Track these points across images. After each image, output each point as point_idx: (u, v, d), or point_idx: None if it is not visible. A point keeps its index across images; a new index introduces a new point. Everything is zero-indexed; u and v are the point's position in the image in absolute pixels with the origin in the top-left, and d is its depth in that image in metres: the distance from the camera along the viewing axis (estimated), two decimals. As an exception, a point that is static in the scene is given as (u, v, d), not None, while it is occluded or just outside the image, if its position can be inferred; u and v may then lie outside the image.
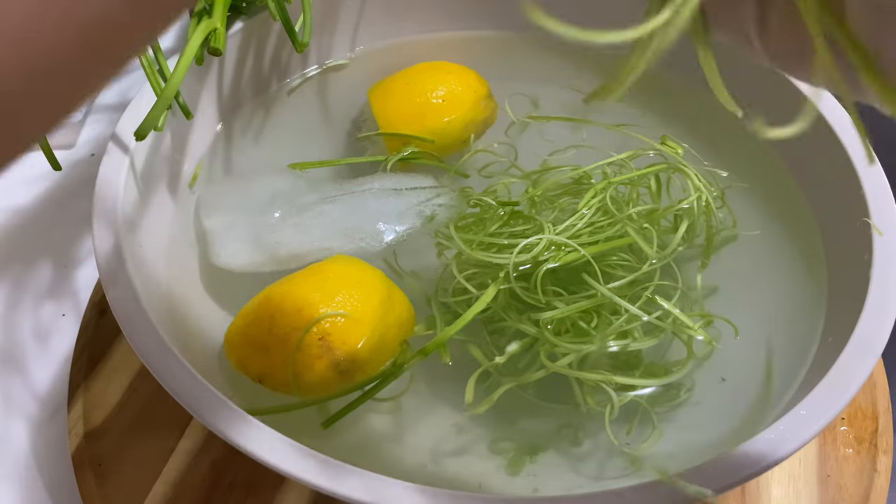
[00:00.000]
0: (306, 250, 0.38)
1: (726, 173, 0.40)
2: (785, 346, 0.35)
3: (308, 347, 0.32)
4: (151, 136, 0.38)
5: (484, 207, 0.38)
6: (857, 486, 0.36)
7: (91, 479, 0.37)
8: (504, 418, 0.34)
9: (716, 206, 0.38)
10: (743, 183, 0.41)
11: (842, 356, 0.30)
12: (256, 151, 0.45)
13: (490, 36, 0.49)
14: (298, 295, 0.34)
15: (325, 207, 0.39)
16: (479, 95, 0.43)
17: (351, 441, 0.34)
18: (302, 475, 0.26)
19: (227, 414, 0.28)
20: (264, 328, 0.33)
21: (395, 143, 0.42)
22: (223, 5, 0.38)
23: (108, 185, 0.35)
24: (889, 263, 0.32)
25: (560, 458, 0.33)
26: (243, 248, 0.38)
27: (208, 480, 0.37)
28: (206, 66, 0.42)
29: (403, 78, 0.44)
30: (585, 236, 0.35)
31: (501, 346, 0.34)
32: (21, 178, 0.54)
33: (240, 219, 0.39)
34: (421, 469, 0.33)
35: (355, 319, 0.33)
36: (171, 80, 0.34)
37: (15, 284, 0.48)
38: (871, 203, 0.34)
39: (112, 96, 0.60)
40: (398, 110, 0.43)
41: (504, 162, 0.42)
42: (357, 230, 0.38)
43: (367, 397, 0.32)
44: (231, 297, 0.38)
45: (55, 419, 0.42)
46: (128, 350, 0.41)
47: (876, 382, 0.40)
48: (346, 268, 0.35)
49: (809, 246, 0.38)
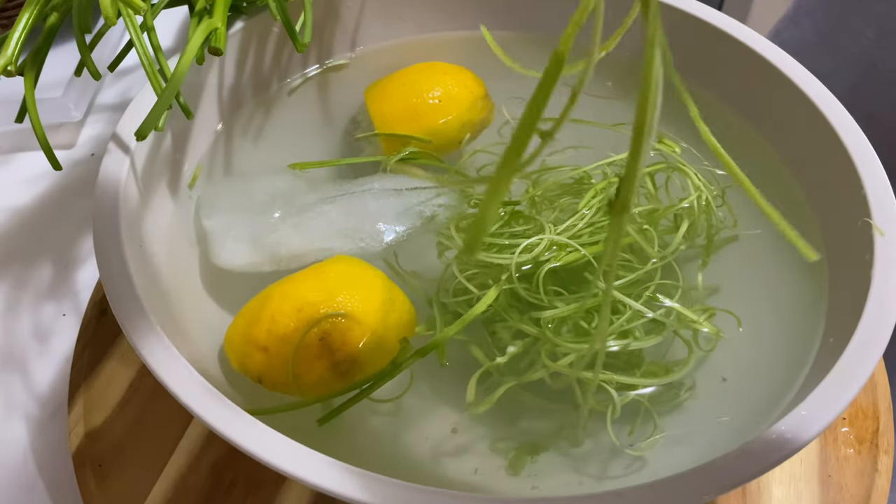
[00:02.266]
0: (306, 250, 0.38)
1: (724, 173, 0.40)
2: (786, 346, 0.35)
3: (308, 348, 0.32)
4: (152, 136, 0.38)
5: (484, 207, 0.38)
6: (858, 486, 0.36)
7: (91, 479, 0.37)
8: (504, 418, 0.34)
9: (716, 205, 0.38)
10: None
11: (843, 357, 0.30)
12: (257, 151, 0.45)
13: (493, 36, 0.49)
14: (299, 295, 0.34)
15: (325, 207, 0.39)
16: (476, 96, 0.43)
17: (351, 441, 0.34)
18: (302, 475, 0.26)
19: (227, 414, 0.28)
20: (264, 328, 0.33)
21: (393, 144, 0.42)
22: (224, 5, 0.38)
23: (109, 185, 0.35)
24: (890, 264, 0.32)
25: (560, 457, 0.33)
26: (243, 248, 0.38)
27: (208, 480, 0.37)
28: (207, 65, 0.42)
29: (399, 78, 0.44)
30: (586, 236, 0.35)
31: (502, 346, 0.34)
32: (21, 178, 0.54)
33: (239, 219, 0.39)
34: (421, 469, 0.33)
35: (356, 320, 0.33)
36: (171, 80, 0.34)
37: (15, 284, 0.48)
38: (871, 203, 0.34)
39: (112, 96, 0.60)
40: (394, 111, 0.43)
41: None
42: (357, 230, 0.38)
43: (365, 395, 0.32)
44: (231, 297, 0.38)
45: (55, 419, 0.42)
46: (128, 350, 0.41)
47: (877, 383, 0.40)
48: (347, 268, 0.35)
49: (809, 245, 0.38)
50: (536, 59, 0.48)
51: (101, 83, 0.61)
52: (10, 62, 0.33)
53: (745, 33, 0.42)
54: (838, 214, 0.37)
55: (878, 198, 0.34)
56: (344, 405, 0.32)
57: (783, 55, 0.40)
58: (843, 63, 0.68)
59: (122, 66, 0.40)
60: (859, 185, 0.35)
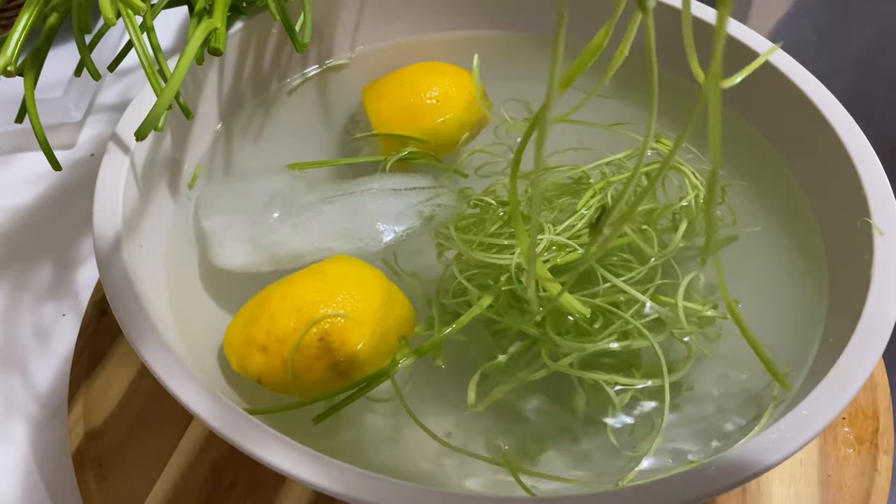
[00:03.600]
0: (305, 250, 0.38)
1: (723, 172, 0.40)
2: (785, 346, 0.35)
3: (307, 348, 0.32)
4: (152, 137, 0.38)
5: (483, 207, 0.38)
6: (857, 486, 0.36)
7: (91, 479, 0.37)
8: (505, 418, 0.34)
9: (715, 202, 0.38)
10: (742, 181, 0.41)
11: (843, 356, 0.30)
12: (256, 151, 0.45)
13: (491, 36, 0.49)
14: (298, 295, 0.34)
15: (324, 208, 0.39)
16: (474, 96, 0.43)
17: (351, 441, 0.34)
18: (302, 475, 0.26)
19: (227, 414, 0.28)
20: (263, 328, 0.33)
21: (391, 144, 0.42)
22: (223, 5, 0.38)
23: (109, 185, 0.35)
24: (890, 263, 0.32)
25: (560, 457, 0.33)
26: (242, 247, 0.38)
27: (208, 480, 0.37)
28: (207, 66, 0.42)
29: (397, 78, 0.44)
30: (585, 236, 0.35)
31: (503, 346, 0.34)
32: (21, 178, 0.54)
33: (238, 219, 0.39)
34: (421, 469, 0.33)
35: (355, 320, 0.33)
36: (171, 80, 0.34)
37: (15, 284, 0.48)
38: (871, 203, 0.34)
39: (112, 96, 0.60)
40: (392, 111, 0.43)
41: (501, 161, 0.42)
42: (356, 230, 0.38)
43: (362, 394, 0.32)
44: (231, 297, 0.38)
45: (55, 419, 0.42)
46: (128, 350, 0.41)
47: (877, 382, 0.40)
48: (347, 268, 0.35)
49: (809, 246, 0.38)
50: (535, 59, 0.48)
51: (100, 83, 0.61)
52: (10, 62, 0.33)
53: (745, 33, 0.42)
54: (838, 214, 0.37)
55: (878, 198, 0.34)
56: (340, 403, 0.32)
57: (783, 55, 0.40)
58: (843, 63, 0.68)
59: (122, 66, 0.40)
60: (859, 185, 0.35)
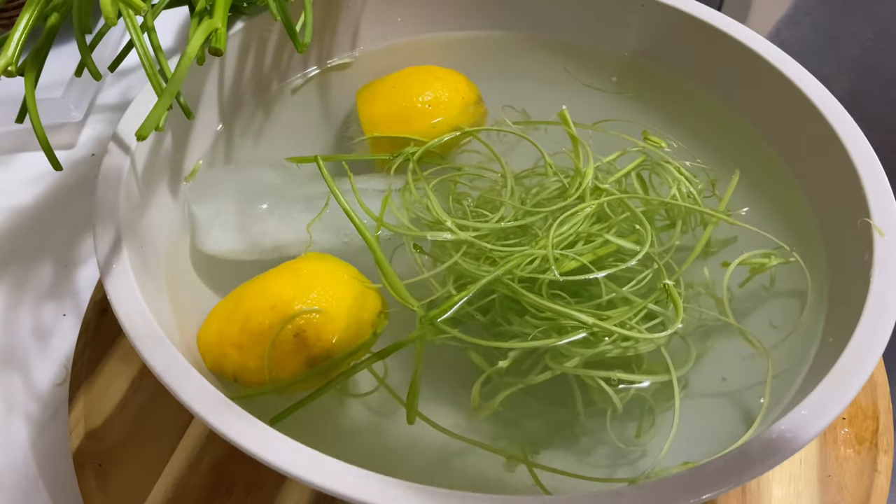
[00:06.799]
0: (290, 242, 0.38)
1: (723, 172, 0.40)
2: (785, 345, 0.35)
3: (283, 344, 0.32)
4: (152, 137, 0.38)
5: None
6: (857, 486, 0.36)
7: (92, 478, 0.37)
8: (505, 418, 0.34)
9: (704, 196, 0.38)
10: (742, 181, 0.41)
11: (843, 356, 0.30)
12: (256, 151, 0.45)
13: (492, 36, 0.49)
14: (272, 292, 0.34)
15: (314, 203, 0.39)
16: (468, 101, 0.43)
17: (351, 441, 0.34)
18: (302, 475, 0.26)
19: (228, 414, 0.28)
20: (237, 327, 0.33)
21: (380, 146, 0.42)
22: (224, 5, 0.38)
23: (109, 185, 0.35)
24: (890, 264, 0.32)
25: (560, 457, 0.33)
26: (228, 236, 0.38)
27: (208, 480, 0.37)
28: (207, 66, 0.42)
29: (391, 81, 0.44)
30: (581, 243, 0.35)
31: (504, 350, 0.34)
32: (21, 178, 0.54)
33: (228, 207, 0.39)
34: (421, 469, 0.33)
35: (330, 315, 0.33)
36: (172, 80, 0.34)
37: (15, 284, 0.48)
38: (871, 203, 0.34)
39: (113, 96, 0.60)
40: (383, 114, 0.42)
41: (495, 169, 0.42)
42: (343, 226, 0.38)
43: (331, 387, 0.32)
44: (231, 297, 0.38)
45: (56, 419, 0.42)
46: (128, 350, 0.41)
47: (877, 382, 0.40)
48: (319, 264, 0.35)
49: (809, 246, 0.38)
50: (535, 59, 0.48)
51: (101, 83, 0.61)
52: (10, 62, 0.33)
53: (745, 33, 0.42)
54: (838, 214, 0.37)
55: (878, 198, 0.34)
56: (308, 398, 0.32)
57: (783, 55, 0.40)
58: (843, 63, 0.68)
59: (123, 66, 0.40)
60: (859, 185, 0.35)
